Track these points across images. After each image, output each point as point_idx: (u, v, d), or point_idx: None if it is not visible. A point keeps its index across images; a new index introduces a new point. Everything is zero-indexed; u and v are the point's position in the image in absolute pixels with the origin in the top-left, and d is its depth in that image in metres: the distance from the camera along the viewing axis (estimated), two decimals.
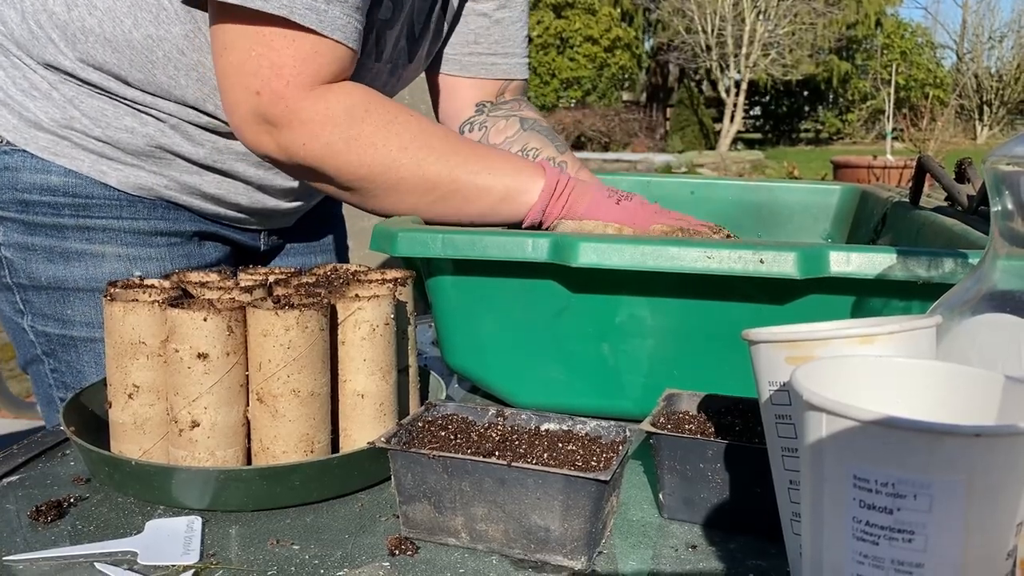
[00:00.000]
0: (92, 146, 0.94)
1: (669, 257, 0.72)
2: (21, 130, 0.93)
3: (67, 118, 0.93)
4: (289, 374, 0.63)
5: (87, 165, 0.94)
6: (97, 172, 0.94)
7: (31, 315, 0.99)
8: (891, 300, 0.72)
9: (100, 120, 0.93)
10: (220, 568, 0.55)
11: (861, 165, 8.26)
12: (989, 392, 0.42)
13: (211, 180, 0.99)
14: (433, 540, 0.58)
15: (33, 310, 0.98)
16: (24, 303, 0.98)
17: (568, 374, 0.80)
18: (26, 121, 0.93)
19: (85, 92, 0.92)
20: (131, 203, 0.97)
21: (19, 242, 0.96)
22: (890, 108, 11.80)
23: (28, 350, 1.01)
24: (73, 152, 0.94)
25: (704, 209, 1.23)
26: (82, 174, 0.94)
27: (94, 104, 0.93)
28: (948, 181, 0.98)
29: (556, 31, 22.15)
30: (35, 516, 0.60)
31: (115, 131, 0.93)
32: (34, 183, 0.94)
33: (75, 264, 0.96)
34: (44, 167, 0.93)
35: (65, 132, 0.93)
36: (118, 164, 0.95)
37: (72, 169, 0.94)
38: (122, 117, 0.93)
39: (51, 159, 0.93)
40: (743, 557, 0.57)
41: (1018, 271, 0.50)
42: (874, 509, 0.37)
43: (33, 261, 0.96)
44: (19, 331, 1.01)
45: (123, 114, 0.93)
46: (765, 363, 0.49)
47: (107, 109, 0.93)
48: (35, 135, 0.93)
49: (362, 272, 0.78)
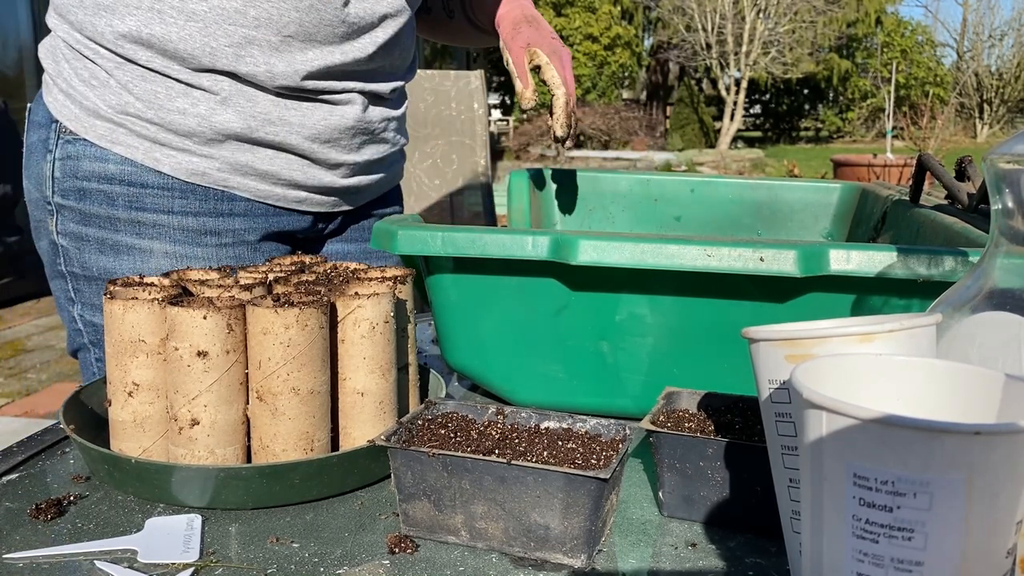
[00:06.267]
0: (146, 131, 0.95)
1: (669, 255, 0.71)
2: (82, 119, 0.96)
3: (122, 103, 0.94)
4: (289, 372, 0.63)
5: (141, 152, 0.95)
6: (151, 160, 0.95)
7: (80, 304, 1.01)
8: (891, 298, 0.72)
9: (153, 103, 0.94)
10: (220, 566, 0.55)
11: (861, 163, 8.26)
12: (989, 390, 0.42)
13: (264, 156, 0.98)
14: (433, 538, 0.58)
15: (83, 299, 1.00)
16: (75, 291, 1.00)
17: (568, 372, 0.80)
18: (86, 110, 0.95)
19: (138, 75, 0.93)
20: (183, 193, 0.97)
21: (74, 231, 0.98)
22: (890, 106, 11.80)
23: (76, 338, 1.03)
24: (128, 139, 0.95)
25: (704, 208, 1.23)
26: (137, 162, 0.95)
27: (147, 87, 0.94)
28: (948, 179, 0.98)
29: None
30: (35, 514, 0.60)
31: (168, 113, 0.94)
32: (93, 171, 0.96)
33: (124, 257, 0.97)
34: (102, 155, 0.95)
35: (121, 118, 0.94)
36: (170, 150, 0.95)
37: (128, 157, 0.95)
38: (174, 98, 0.94)
39: (108, 147, 0.95)
40: (743, 555, 0.57)
41: (1018, 269, 0.50)
42: (874, 507, 0.37)
43: (86, 251, 0.98)
44: (70, 318, 1.03)
45: (175, 95, 0.94)
46: (765, 361, 0.49)
47: (159, 91, 0.94)
48: (94, 123, 0.95)
49: (362, 270, 0.78)
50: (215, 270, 0.76)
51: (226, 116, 0.95)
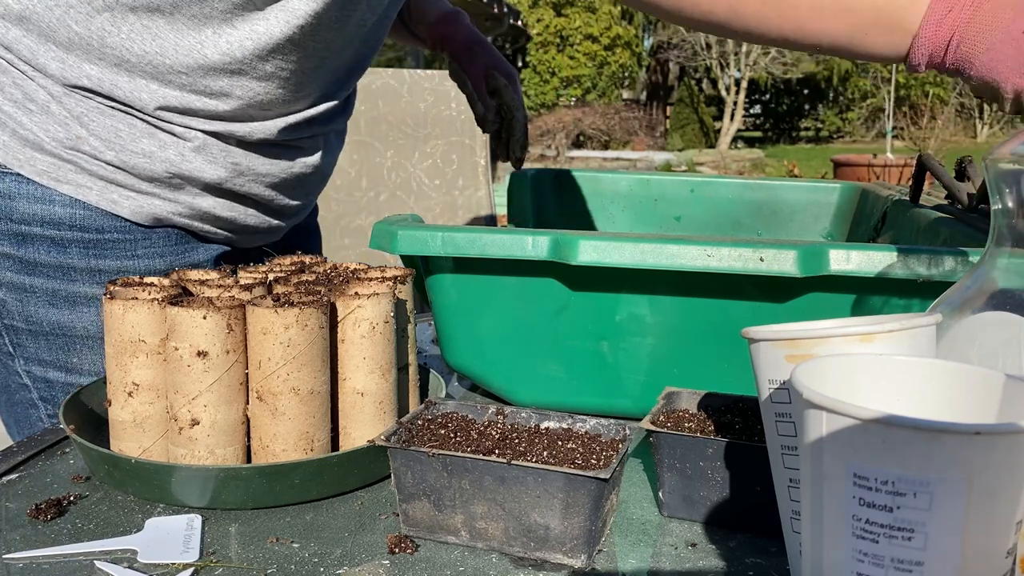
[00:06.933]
0: (102, 172, 0.82)
1: (669, 255, 0.71)
2: (14, 149, 0.80)
3: (72, 138, 0.80)
4: (289, 372, 0.63)
5: (95, 193, 0.82)
6: (107, 202, 0.83)
7: (24, 359, 0.88)
8: (891, 298, 0.72)
9: (113, 142, 0.81)
10: (220, 566, 0.54)
11: (861, 163, 8.27)
12: (989, 390, 0.42)
13: (223, 204, 0.90)
14: (433, 538, 0.58)
15: (27, 355, 0.87)
16: (15, 346, 0.87)
17: (568, 372, 0.80)
18: (21, 140, 0.80)
19: (94, 107, 0.80)
20: (146, 236, 0.86)
21: (13, 281, 0.84)
22: (890, 106, 11.81)
23: (17, 392, 0.90)
24: (79, 178, 0.82)
25: (704, 207, 1.24)
26: (90, 204, 0.82)
27: (105, 123, 0.81)
28: (948, 179, 0.98)
29: (556, 29, 22.14)
30: (35, 514, 0.60)
31: (130, 155, 0.82)
32: (33, 214, 0.81)
33: (83, 309, 0.85)
34: (45, 195, 0.81)
35: (70, 155, 0.81)
36: (130, 192, 0.84)
37: (78, 198, 0.82)
38: (138, 139, 0.82)
39: (53, 185, 0.81)
40: (743, 555, 0.57)
41: (1018, 269, 0.50)
42: (874, 507, 0.37)
43: (31, 304, 0.84)
44: (7, 372, 0.89)
45: (139, 135, 0.82)
46: (765, 361, 0.49)
47: (120, 128, 0.81)
48: (32, 156, 0.81)
49: (362, 270, 0.78)
50: (215, 270, 0.76)
51: (198, 164, 0.84)
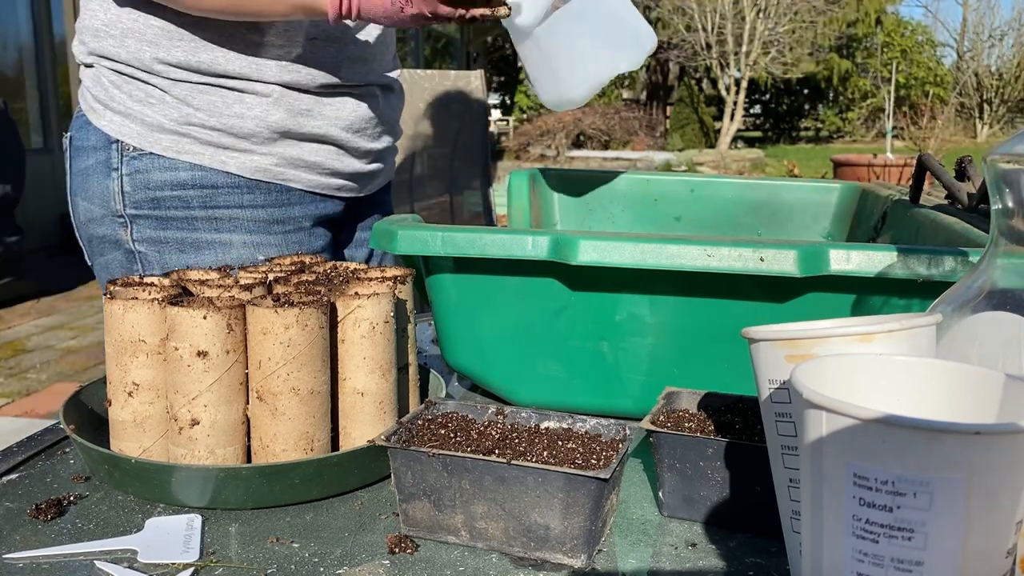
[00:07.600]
0: (210, 138, 1.04)
1: (669, 255, 0.71)
2: (145, 135, 1.04)
3: (184, 116, 1.03)
4: (289, 372, 0.63)
5: (208, 157, 1.05)
6: (218, 162, 1.05)
7: None
8: (891, 298, 0.72)
9: (213, 111, 1.04)
10: (220, 566, 0.55)
11: (861, 163, 8.27)
12: (989, 390, 0.42)
13: (309, 149, 1.09)
14: (433, 538, 0.58)
15: None
16: None
17: (568, 372, 0.80)
18: (148, 126, 1.04)
19: (194, 89, 1.03)
20: (250, 188, 1.07)
21: (152, 237, 1.06)
22: (890, 106, 11.80)
23: None
24: (194, 147, 1.04)
25: (704, 207, 1.23)
26: (205, 166, 1.05)
27: (204, 99, 1.03)
28: (948, 179, 0.98)
29: None
30: (35, 514, 0.60)
31: (227, 118, 1.04)
32: (164, 180, 1.05)
33: (206, 252, 1.06)
34: (172, 165, 1.04)
35: (185, 129, 1.04)
36: (234, 152, 1.05)
37: (196, 163, 1.05)
38: (231, 105, 1.04)
39: (176, 156, 1.04)
40: (743, 555, 0.57)
41: (1018, 269, 0.50)
42: (874, 507, 0.37)
43: (166, 253, 1.06)
44: None
45: (231, 102, 1.04)
46: (765, 361, 0.49)
47: (216, 101, 1.04)
48: (158, 137, 1.04)
49: (362, 270, 0.78)
50: (215, 270, 0.76)
51: (279, 115, 1.06)
